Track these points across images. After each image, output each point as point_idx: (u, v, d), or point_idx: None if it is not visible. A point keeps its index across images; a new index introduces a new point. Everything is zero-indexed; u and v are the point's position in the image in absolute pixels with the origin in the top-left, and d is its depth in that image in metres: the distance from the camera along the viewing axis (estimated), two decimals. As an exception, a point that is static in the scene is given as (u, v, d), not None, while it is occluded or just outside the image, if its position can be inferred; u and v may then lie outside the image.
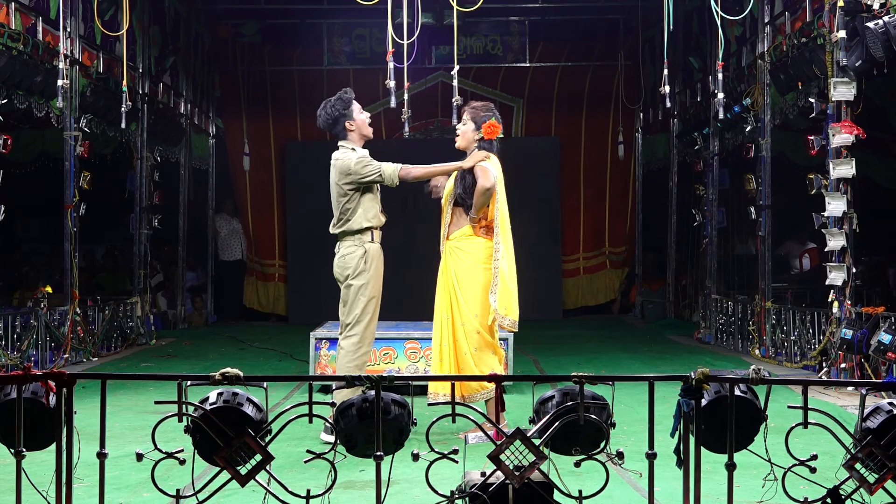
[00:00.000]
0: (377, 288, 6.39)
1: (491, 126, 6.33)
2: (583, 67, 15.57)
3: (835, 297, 8.65)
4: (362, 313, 6.32)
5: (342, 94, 6.52)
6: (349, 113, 6.45)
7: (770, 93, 10.35)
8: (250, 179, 15.43)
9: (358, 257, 6.33)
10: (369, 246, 6.36)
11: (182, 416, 3.73)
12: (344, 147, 6.46)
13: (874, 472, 3.74)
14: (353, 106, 6.47)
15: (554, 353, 10.78)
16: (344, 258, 6.37)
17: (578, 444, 3.75)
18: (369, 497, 3.90)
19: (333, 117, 6.46)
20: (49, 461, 3.71)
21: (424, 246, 12.57)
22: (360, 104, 6.59)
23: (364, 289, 6.31)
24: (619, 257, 15.87)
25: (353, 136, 6.47)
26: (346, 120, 6.45)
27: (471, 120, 6.39)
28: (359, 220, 6.36)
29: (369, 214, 6.37)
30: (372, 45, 15.13)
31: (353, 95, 6.56)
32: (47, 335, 9.46)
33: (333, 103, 6.49)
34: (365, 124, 6.52)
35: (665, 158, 14.74)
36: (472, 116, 6.39)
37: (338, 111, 6.45)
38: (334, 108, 6.46)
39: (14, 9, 8.87)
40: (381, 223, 6.45)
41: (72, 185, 10.15)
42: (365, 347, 6.35)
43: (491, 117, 6.36)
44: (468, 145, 6.42)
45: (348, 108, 6.46)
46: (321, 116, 6.55)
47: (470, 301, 6.24)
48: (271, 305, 15.46)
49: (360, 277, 6.32)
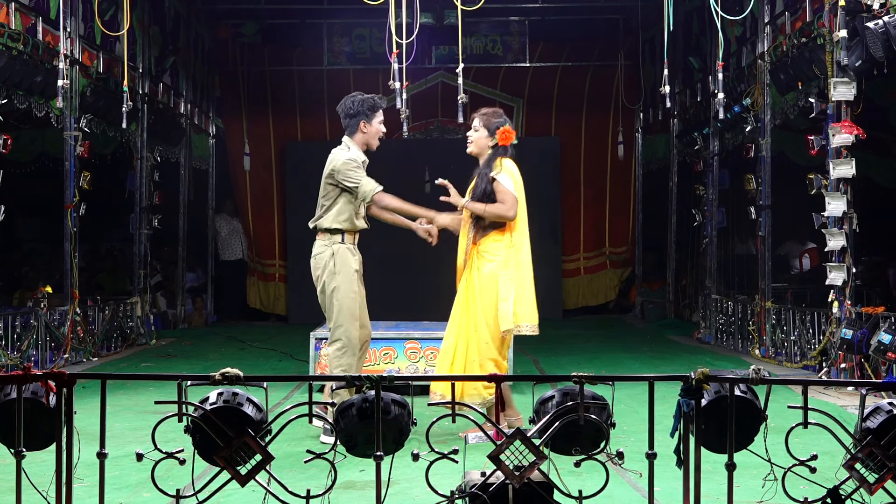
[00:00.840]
0: (349, 289, 6.31)
1: (506, 132, 6.32)
2: (583, 67, 15.58)
3: (835, 297, 8.65)
4: (338, 316, 6.28)
5: (375, 98, 6.52)
6: (371, 116, 6.43)
7: (770, 93, 10.35)
8: (250, 179, 15.44)
9: (327, 258, 6.33)
10: (337, 247, 6.34)
11: (182, 416, 3.73)
12: (345, 144, 6.45)
13: (874, 472, 3.74)
14: (377, 113, 6.46)
15: (554, 353, 10.77)
16: (315, 258, 6.39)
17: (578, 444, 3.75)
18: (369, 497, 3.90)
19: (355, 111, 6.43)
20: (49, 461, 3.71)
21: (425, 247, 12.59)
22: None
23: (336, 292, 6.28)
24: (620, 257, 15.87)
25: (360, 138, 6.45)
26: (364, 120, 6.42)
27: (483, 126, 6.35)
28: (330, 219, 6.37)
29: (341, 217, 6.35)
30: (372, 45, 15.13)
31: (384, 106, 6.55)
32: (47, 335, 9.46)
33: (363, 100, 6.46)
34: (376, 135, 6.47)
35: (665, 158, 14.75)
36: (485, 123, 6.35)
37: (362, 108, 6.43)
38: (361, 104, 6.44)
39: (14, 9, 8.87)
40: (355, 228, 6.41)
41: (72, 185, 10.14)
42: (350, 351, 6.28)
43: (504, 123, 6.35)
44: (481, 151, 6.38)
45: (373, 111, 6.44)
46: (345, 103, 6.51)
47: (487, 309, 6.25)
48: (271, 305, 15.46)
49: (332, 280, 6.29)
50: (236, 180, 15.50)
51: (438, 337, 7.97)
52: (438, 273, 11.16)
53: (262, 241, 15.45)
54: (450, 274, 6.57)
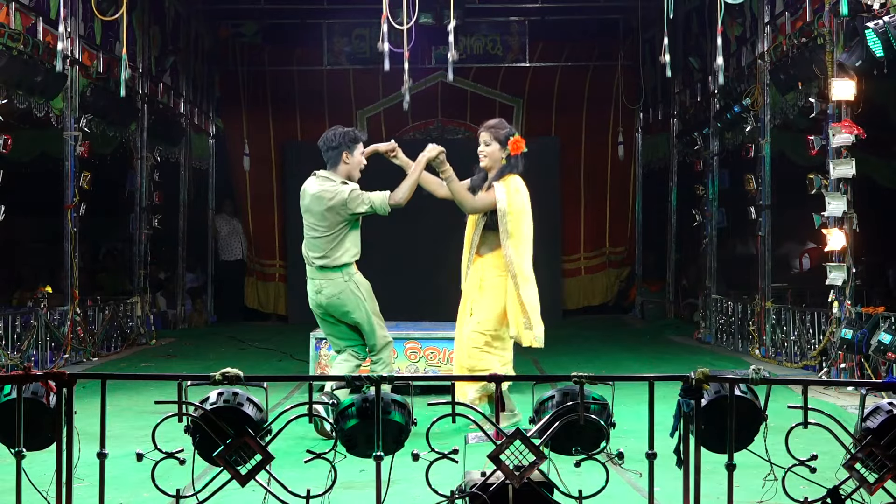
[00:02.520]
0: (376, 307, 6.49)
1: (517, 141, 6.45)
2: (583, 67, 15.57)
3: (835, 297, 8.65)
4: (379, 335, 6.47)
5: (355, 131, 6.56)
6: (352, 147, 6.43)
7: (770, 93, 10.35)
8: (250, 179, 15.44)
9: (351, 291, 6.38)
10: (357, 279, 6.42)
11: (182, 416, 3.73)
12: (328, 178, 6.41)
13: (874, 472, 3.74)
14: (358, 145, 6.47)
15: (554, 353, 10.75)
16: (338, 297, 6.38)
17: (578, 444, 3.75)
18: (369, 497, 3.89)
19: (336, 143, 6.44)
20: (49, 461, 3.71)
21: (426, 248, 12.58)
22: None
23: (373, 315, 6.43)
24: (620, 257, 15.88)
25: (343, 169, 6.43)
26: (346, 151, 6.42)
27: (494, 140, 6.45)
28: (347, 255, 6.39)
29: (353, 249, 6.41)
30: (372, 45, 15.08)
31: (364, 139, 6.57)
32: (47, 335, 9.46)
33: (344, 132, 6.48)
34: (358, 166, 6.48)
35: (665, 158, 14.75)
36: (495, 136, 6.45)
37: (343, 140, 6.43)
38: (343, 136, 6.45)
39: (14, 9, 8.87)
40: (358, 257, 6.49)
41: (72, 185, 10.15)
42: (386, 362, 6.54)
43: (513, 133, 6.50)
44: (494, 164, 6.47)
45: (354, 143, 6.45)
46: (326, 136, 6.52)
47: (485, 309, 6.37)
48: (271, 305, 15.46)
49: (366, 305, 6.41)
50: (236, 180, 15.51)
51: (438, 337, 8.00)
52: (438, 273, 11.17)
53: (261, 240, 15.46)
54: (450, 274, 6.59)
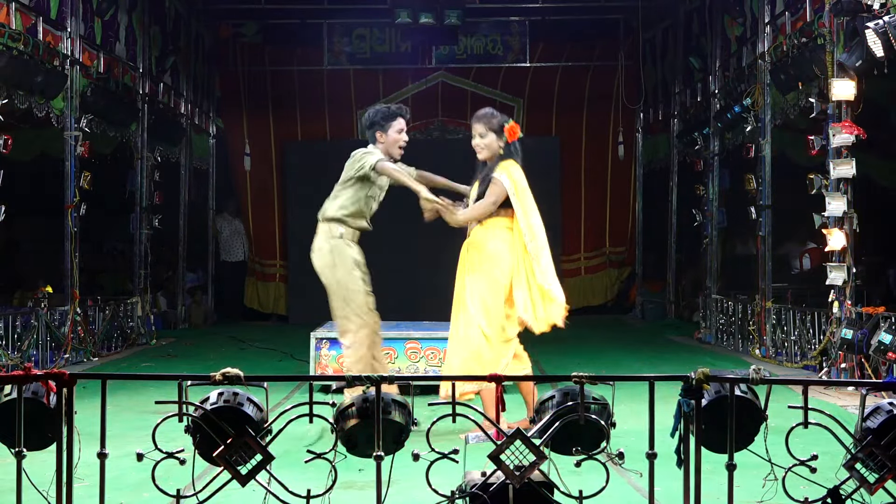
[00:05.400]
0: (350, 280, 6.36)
1: (512, 128, 6.23)
2: (583, 67, 15.58)
3: (835, 297, 8.65)
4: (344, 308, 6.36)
5: (391, 107, 6.49)
6: (386, 126, 6.36)
7: (770, 93, 10.35)
8: (251, 179, 15.44)
9: (325, 253, 6.38)
10: (335, 242, 6.36)
11: (182, 416, 3.73)
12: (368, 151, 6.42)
13: (874, 472, 3.74)
14: (394, 122, 6.37)
15: (554, 353, 10.76)
16: (314, 253, 6.44)
17: (579, 444, 3.75)
18: (369, 497, 3.89)
19: (370, 121, 6.41)
20: (49, 461, 3.70)
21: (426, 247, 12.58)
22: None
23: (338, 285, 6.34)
24: (620, 257, 15.88)
25: (380, 147, 6.40)
26: (379, 130, 6.37)
27: (489, 130, 6.21)
28: (334, 208, 6.39)
29: (347, 209, 6.36)
30: (372, 45, 15.14)
31: (405, 114, 6.46)
32: (48, 335, 9.45)
33: (377, 110, 6.44)
34: (395, 144, 6.39)
35: (665, 158, 14.75)
36: (489, 125, 6.21)
37: (376, 118, 6.39)
38: (376, 114, 6.41)
39: (14, 9, 8.87)
40: (356, 224, 6.42)
41: (72, 185, 10.14)
42: (358, 343, 6.37)
43: (507, 120, 6.27)
44: (493, 154, 6.25)
45: (389, 121, 6.37)
46: (366, 113, 6.53)
47: (475, 298, 6.23)
48: (272, 305, 15.46)
49: (333, 274, 6.35)
50: (237, 180, 15.51)
51: (438, 337, 7.98)
52: (438, 273, 11.15)
53: (261, 240, 15.46)
54: (450, 274, 6.57)
